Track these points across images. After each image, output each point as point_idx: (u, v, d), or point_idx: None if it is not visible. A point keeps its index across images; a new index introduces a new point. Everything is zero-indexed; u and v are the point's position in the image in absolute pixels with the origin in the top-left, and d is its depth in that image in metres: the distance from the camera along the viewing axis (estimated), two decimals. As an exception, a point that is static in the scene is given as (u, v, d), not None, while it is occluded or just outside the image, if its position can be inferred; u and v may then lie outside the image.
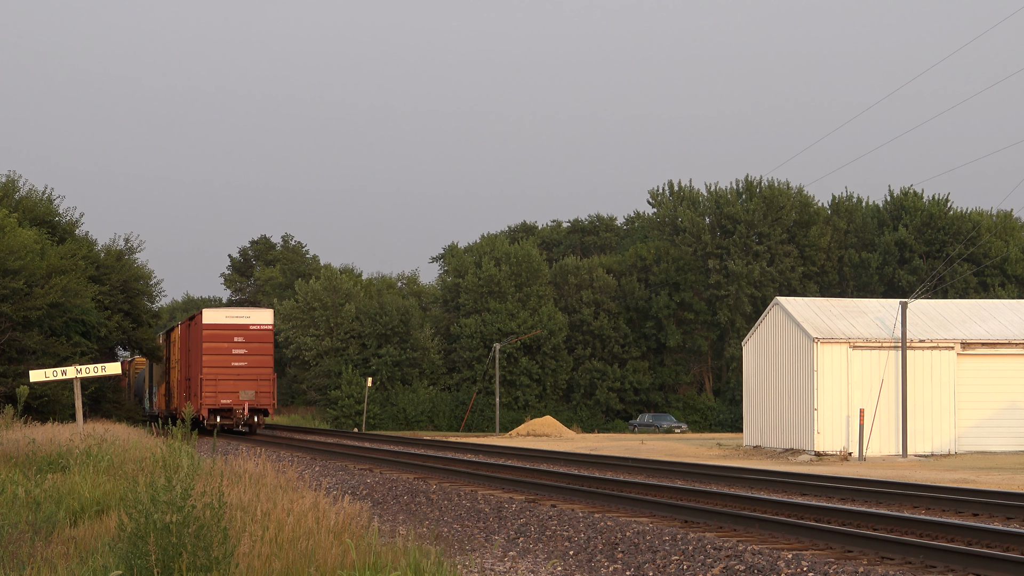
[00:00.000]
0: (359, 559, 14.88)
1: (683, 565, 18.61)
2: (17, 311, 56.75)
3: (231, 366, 62.36)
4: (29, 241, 57.93)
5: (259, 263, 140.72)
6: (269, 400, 62.93)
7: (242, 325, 62.83)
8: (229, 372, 62.25)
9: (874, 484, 31.85)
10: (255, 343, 62.85)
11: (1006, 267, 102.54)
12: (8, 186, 67.65)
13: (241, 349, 62.59)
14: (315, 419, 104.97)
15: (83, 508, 20.94)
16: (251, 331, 62.86)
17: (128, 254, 76.63)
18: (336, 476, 36.37)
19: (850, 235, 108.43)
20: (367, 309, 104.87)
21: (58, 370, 38.58)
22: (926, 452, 52.68)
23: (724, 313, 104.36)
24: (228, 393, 62.24)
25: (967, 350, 53.69)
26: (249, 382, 62.50)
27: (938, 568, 17.43)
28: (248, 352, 62.64)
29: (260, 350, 62.86)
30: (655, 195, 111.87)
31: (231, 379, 62.28)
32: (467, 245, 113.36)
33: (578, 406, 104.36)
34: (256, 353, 62.74)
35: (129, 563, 13.87)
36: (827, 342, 52.80)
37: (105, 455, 27.92)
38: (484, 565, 19.21)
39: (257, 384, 62.59)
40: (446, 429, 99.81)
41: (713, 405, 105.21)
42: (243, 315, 63.86)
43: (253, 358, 62.65)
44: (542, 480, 32.59)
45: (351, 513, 18.23)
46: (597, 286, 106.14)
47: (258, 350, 62.83)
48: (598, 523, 22.78)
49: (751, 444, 58.78)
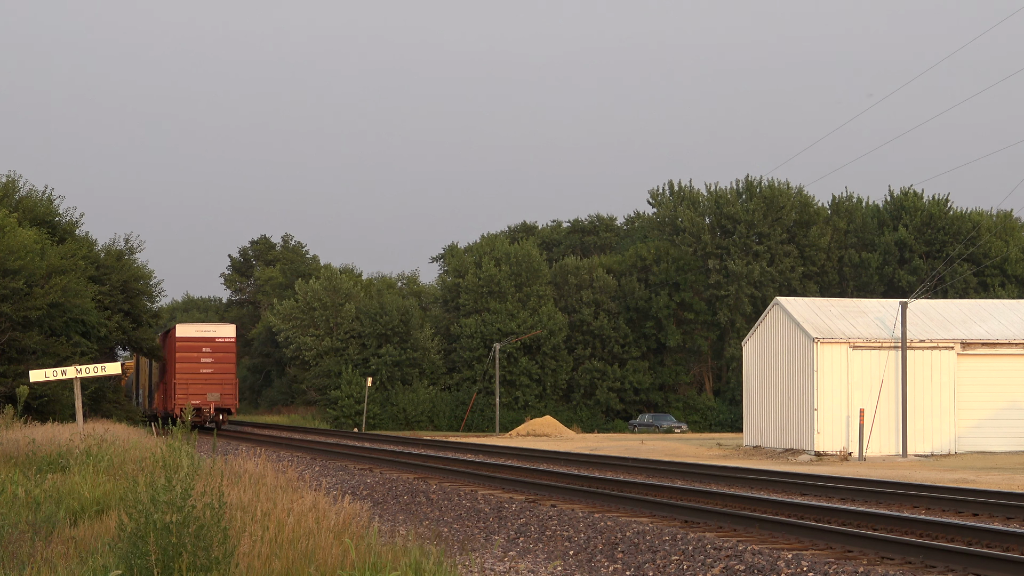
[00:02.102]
0: (359, 559, 14.88)
1: (683, 565, 18.61)
2: (17, 311, 56.74)
3: (200, 372, 71.58)
4: (29, 241, 57.90)
5: (259, 263, 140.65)
6: (232, 401, 72.21)
7: (209, 338, 72.02)
8: (198, 377, 71.41)
9: (874, 484, 31.85)
10: (220, 353, 72.07)
11: (1006, 267, 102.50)
12: (8, 186, 67.63)
13: (208, 358, 71.74)
14: (315, 419, 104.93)
15: (83, 508, 20.92)
16: (216, 343, 72.17)
17: (128, 254, 76.67)
18: (336, 476, 36.39)
19: (850, 235, 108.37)
20: (367, 309, 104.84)
21: (58, 370, 38.55)
22: (926, 452, 52.68)
23: (724, 313, 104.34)
24: (197, 395, 70.62)
25: (967, 350, 53.68)
26: (215, 386, 71.69)
27: (938, 568, 17.43)
28: (214, 361, 71.81)
29: (224, 359, 72.14)
30: (655, 195, 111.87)
31: (200, 383, 71.33)
32: (467, 245, 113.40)
33: (578, 406, 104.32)
34: (221, 362, 72.03)
35: (129, 563, 13.87)
36: (827, 342, 52.80)
37: (105, 455, 27.92)
38: (484, 565, 19.21)
39: (222, 387, 71.83)
40: (446, 429, 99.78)
41: (713, 405, 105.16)
42: (210, 329, 73.08)
43: (218, 366, 71.93)
44: (542, 480, 32.59)
45: (351, 513, 18.23)
46: (597, 286, 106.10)
47: (223, 359, 72.08)
48: (598, 523, 22.79)
49: (751, 444, 58.78)
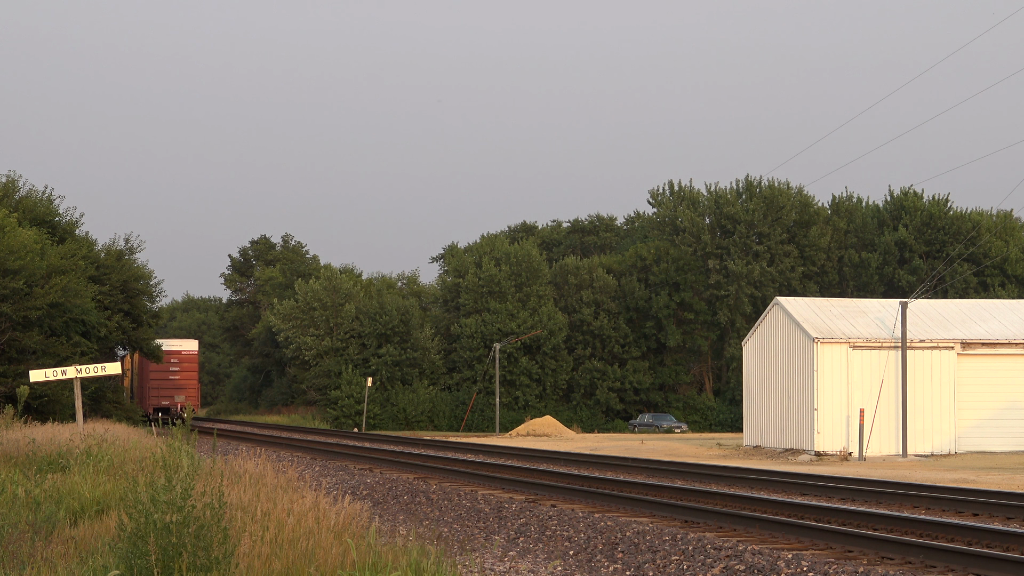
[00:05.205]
0: (359, 559, 14.87)
1: (683, 565, 18.61)
2: (17, 311, 56.73)
3: (168, 379, 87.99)
4: (29, 241, 57.87)
5: (259, 263, 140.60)
6: (195, 402, 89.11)
7: (176, 351, 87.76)
8: (167, 383, 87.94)
9: (874, 484, 31.85)
10: (185, 363, 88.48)
11: (1006, 267, 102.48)
12: (8, 186, 67.61)
13: (176, 368, 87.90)
14: (315, 419, 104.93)
15: (83, 508, 20.92)
16: (182, 355, 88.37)
17: (128, 254, 76.70)
18: (336, 476, 36.39)
19: (850, 235, 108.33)
20: (367, 309, 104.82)
21: (58, 370, 38.52)
22: (926, 452, 52.66)
23: (724, 313, 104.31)
24: (167, 396, 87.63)
25: (967, 350, 53.67)
26: (181, 390, 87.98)
27: (938, 568, 17.43)
28: (181, 370, 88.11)
29: (189, 368, 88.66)
30: (655, 195, 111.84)
31: (169, 388, 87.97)
32: (467, 245, 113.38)
33: (578, 406, 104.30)
34: (186, 371, 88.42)
35: (129, 563, 13.86)
36: (827, 342, 52.79)
37: (105, 455, 27.91)
38: (484, 565, 19.21)
39: (187, 391, 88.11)
40: (446, 429, 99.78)
41: (713, 405, 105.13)
42: (177, 345, 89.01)
43: (184, 374, 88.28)
44: (542, 480, 32.58)
45: (351, 513, 18.22)
46: (597, 286, 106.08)
47: (188, 368, 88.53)
48: (598, 523, 22.78)
49: (751, 444, 58.76)
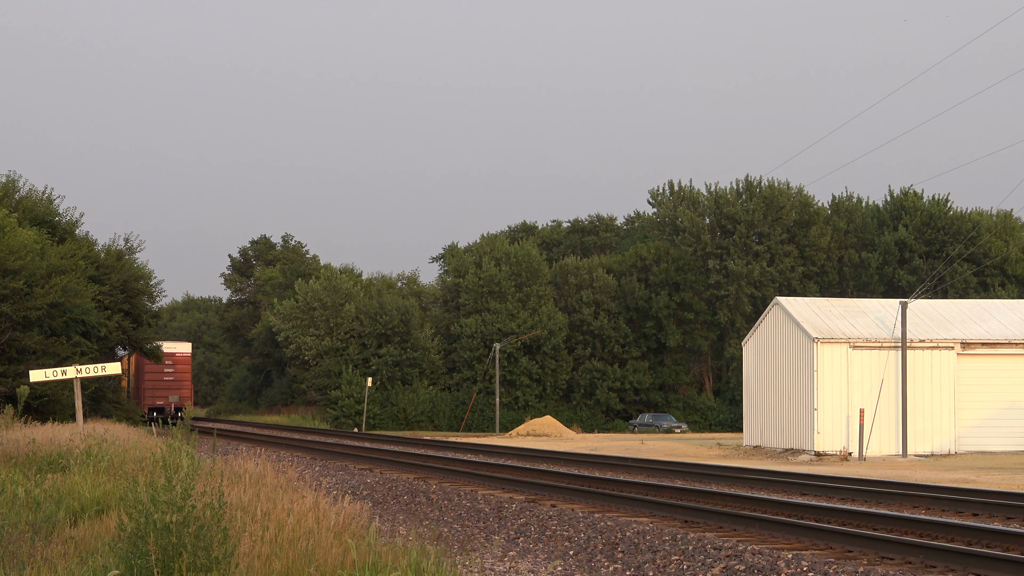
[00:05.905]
0: (359, 559, 14.87)
1: (683, 565, 18.61)
2: (17, 311, 56.72)
3: (163, 380, 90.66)
4: (29, 241, 57.87)
5: (259, 263, 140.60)
6: (188, 402, 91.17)
7: (171, 353, 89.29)
8: (162, 383, 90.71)
9: (874, 484, 31.84)
10: (179, 365, 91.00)
11: (1006, 267, 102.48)
12: (8, 186, 67.60)
13: (170, 369, 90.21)
14: (315, 419, 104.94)
15: (83, 508, 20.91)
16: (176, 357, 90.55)
17: (128, 254, 76.68)
18: (336, 476, 36.39)
19: (850, 235, 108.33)
20: (367, 309, 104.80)
21: (58, 370, 38.50)
22: (926, 452, 52.66)
23: (724, 313, 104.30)
24: (162, 396, 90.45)
25: (967, 350, 53.67)
26: (175, 390, 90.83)
27: (938, 568, 17.43)
28: (175, 371, 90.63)
29: (182, 369, 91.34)
30: (655, 195, 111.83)
31: (163, 388, 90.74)
32: (467, 245, 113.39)
33: (578, 406, 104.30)
34: (180, 372, 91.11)
35: (129, 563, 13.86)
36: (827, 342, 52.78)
37: (105, 455, 27.89)
38: (484, 565, 19.20)
39: (180, 391, 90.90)
40: (446, 429, 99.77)
41: (713, 405, 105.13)
42: (172, 347, 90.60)
43: (178, 375, 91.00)
44: (542, 480, 32.58)
45: (351, 513, 18.21)
46: (597, 286, 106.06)
47: (181, 370, 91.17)
48: (598, 523, 22.78)
49: (751, 444, 58.76)
